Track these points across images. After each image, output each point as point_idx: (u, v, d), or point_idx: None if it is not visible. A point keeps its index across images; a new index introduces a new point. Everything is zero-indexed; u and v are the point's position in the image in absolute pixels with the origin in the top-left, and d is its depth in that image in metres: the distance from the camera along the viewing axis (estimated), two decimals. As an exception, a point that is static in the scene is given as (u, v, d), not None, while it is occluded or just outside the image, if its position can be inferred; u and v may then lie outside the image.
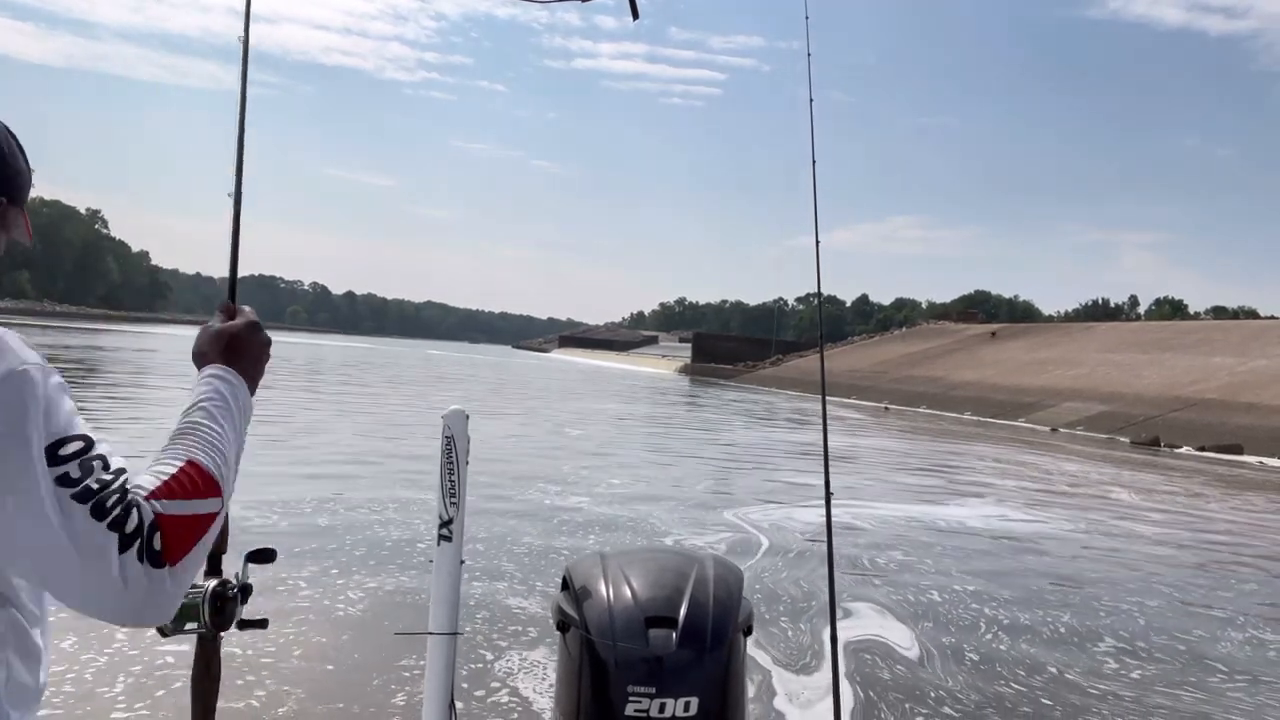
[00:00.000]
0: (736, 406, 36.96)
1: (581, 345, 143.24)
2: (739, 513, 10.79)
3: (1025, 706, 5.21)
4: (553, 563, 7.53)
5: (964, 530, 11.06)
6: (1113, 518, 13.16)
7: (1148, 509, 14.46)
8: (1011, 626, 6.85)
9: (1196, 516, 14.17)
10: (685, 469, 14.96)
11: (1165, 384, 38.82)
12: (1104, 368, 44.50)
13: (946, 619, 6.94)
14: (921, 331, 79.57)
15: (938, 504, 13.16)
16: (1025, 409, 39.12)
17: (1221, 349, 42.89)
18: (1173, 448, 29.29)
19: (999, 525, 11.67)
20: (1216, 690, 5.78)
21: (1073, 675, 5.80)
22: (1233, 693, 5.75)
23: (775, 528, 9.93)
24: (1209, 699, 5.60)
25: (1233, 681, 5.98)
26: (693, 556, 2.42)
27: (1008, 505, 13.58)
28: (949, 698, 5.22)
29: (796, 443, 21.89)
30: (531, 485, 11.65)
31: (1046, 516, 12.73)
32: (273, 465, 11.43)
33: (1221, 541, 11.91)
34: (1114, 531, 11.93)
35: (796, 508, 11.49)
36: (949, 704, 5.13)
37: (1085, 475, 19.18)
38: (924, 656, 5.93)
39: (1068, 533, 11.50)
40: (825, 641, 6.02)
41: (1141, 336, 52.44)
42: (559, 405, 30.29)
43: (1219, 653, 6.61)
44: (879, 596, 7.42)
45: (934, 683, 5.44)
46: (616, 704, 2.08)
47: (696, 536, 9.23)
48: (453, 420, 2.36)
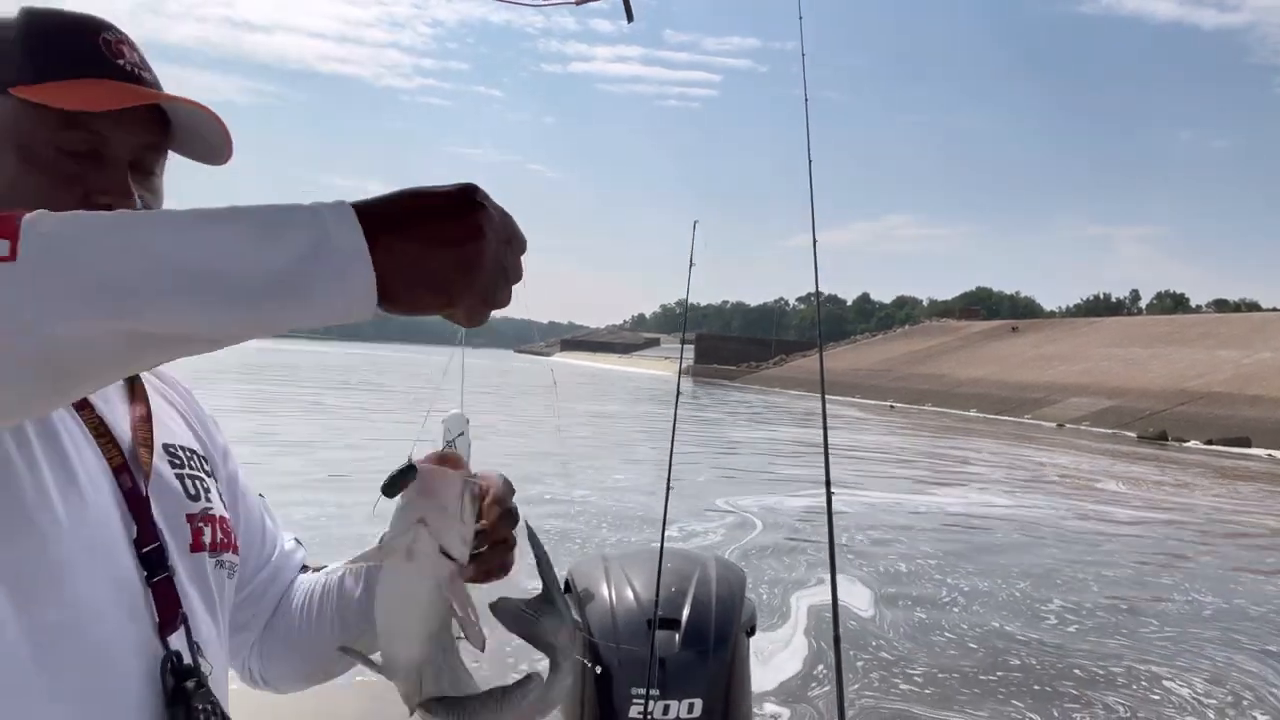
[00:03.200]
0: (739, 406, 37.77)
1: (583, 349, 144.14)
2: (735, 500, 11.64)
3: (952, 650, 6.08)
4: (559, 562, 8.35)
5: (942, 513, 11.91)
6: (1092, 504, 13.98)
7: (1130, 496, 15.27)
8: (970, 592, 7.69)
9: (1176, 503, 14.97)
10: (688, 464, 15.80)
11: (1171, 378, 39.48)
12: (1109, 362, 45.23)
13: (907, 585, 7.79)
14: (925, 329, 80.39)
15: (924, 493, 14.00)
16: (1031, 405, 39.81)
17: (1226, 342, 43.59)
18: (1180, 441, 29.85)
19: (978, 510, 12.51)
20: (1141, 637, 6.64)
21: (1011, 627, 6.67)
22: (1158, 640, 6.59)
23: (768, 511, 10.79)
24: (1131, 645, 6.45)
25: (1161, 633, 6.81)
26: (695, 558, 2.50)
27: (992, 493, 14.41)
28: (887, 645, 6.09)
29: (797, 440, 22.72)
30: (539, 481, 12.50)
31: (1028, 503, 13.56)
32: (285, 476, 12.30)
33: (1192, 523, 12.73)
34: (1089, 515, 12.76)
35: (789, 497, 12.34)
36: (886, 649, 6.00)
37: (1077, 467, 19.98)
38: (877, 615, 6.80)
39: (1044, 516, 12.34)
40: (795, 602, 6.88)
41: (1145, 330, 53.19)
42: (562, 407, 31.13)
43: (1155, 610, 7.45)
44: (848, 567, 8.27)
45: (879, 634, 6.32)
46: (620, 706, 2.12)
47: (697, 521, 10.06)
48: (453, 424, 2.49)
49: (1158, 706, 5.20)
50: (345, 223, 0.61)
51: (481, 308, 0.66)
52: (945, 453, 21.73)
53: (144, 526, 0.84)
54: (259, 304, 0.59)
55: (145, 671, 0.80)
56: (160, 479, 0.88)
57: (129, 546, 0.83)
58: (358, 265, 0.60)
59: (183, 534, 0.89)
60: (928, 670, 5.62)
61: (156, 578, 0.83)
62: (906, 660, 5.78)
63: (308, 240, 0.60)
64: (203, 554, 0.90)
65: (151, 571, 0.83)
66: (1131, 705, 5.17)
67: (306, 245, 0.60)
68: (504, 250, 0.66)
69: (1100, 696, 5.28)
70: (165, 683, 0.81)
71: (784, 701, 4.94)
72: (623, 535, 9.32)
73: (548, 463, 14.42)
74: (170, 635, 0.83)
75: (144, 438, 0.90)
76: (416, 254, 0.62)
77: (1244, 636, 6.82)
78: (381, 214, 0.62)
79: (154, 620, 0.82)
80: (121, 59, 0.87)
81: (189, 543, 0.89)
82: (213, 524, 0.92)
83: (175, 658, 0.82)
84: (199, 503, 0.92)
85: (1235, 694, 5.49)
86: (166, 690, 0.81)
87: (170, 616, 0.83)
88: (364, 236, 0.61)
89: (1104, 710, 5.07)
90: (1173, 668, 5.92)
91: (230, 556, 0.95)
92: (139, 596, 0.82)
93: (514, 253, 0.67)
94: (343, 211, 0.62)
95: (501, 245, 0.65)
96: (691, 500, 11.60)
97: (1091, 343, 52.09)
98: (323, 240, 0.60)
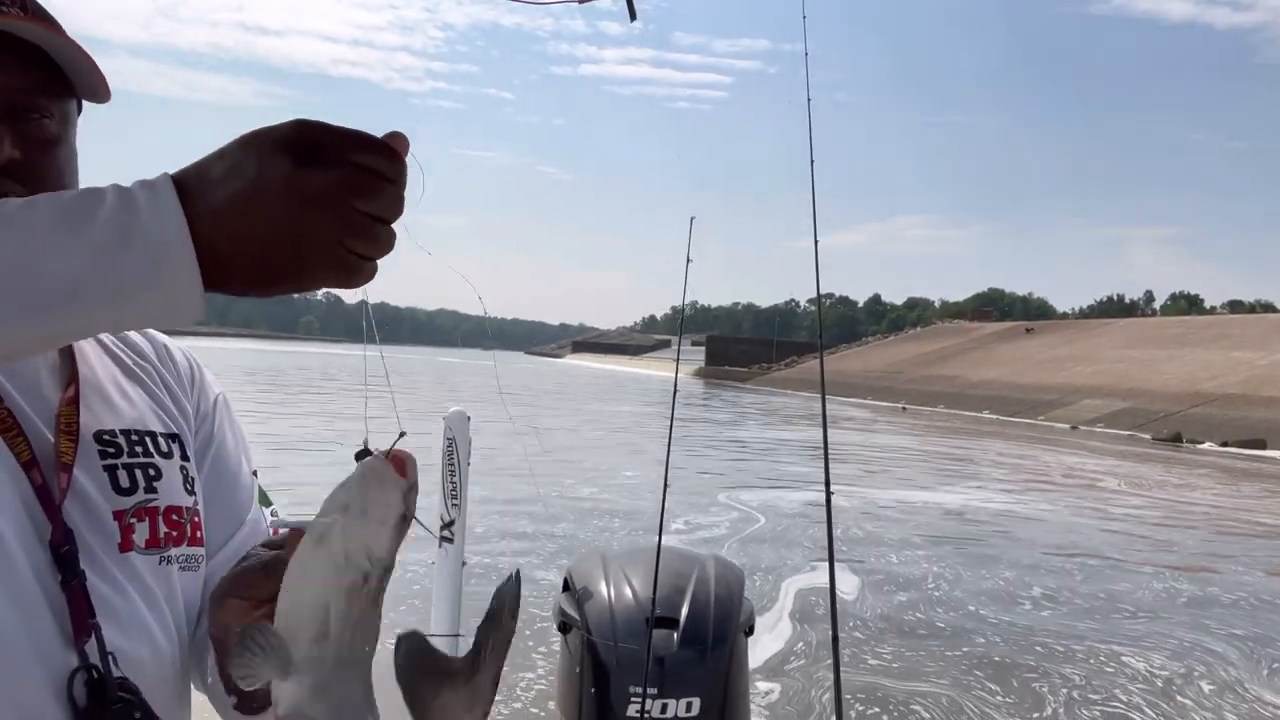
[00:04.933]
0: (750, 408, 38.20)
1: (594, 350, 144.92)
2: (738, 495, 12.13)
3: (921, 630, 6.57)
4: (558, 558, 8.86)
5: (938, 509, 12.37)
6: (1090, 501, 14.39)
7: (1129, 494, 15.66)
8: (953, 579, 8.16)
9: (1175, 501, 15.34)
10: (697, 461, 16.28)
11: (1186, 379, 39.60)
12: (1123, 364, 45.41)
13: (893, 571, 8.27)
14: (937, 331, 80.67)
15: (924, 489, 14.44)
16: (1045, 407, 40.00)
17: (1241, 343, 43.71)
18: (1194, 443, 29.97)
19: (975, 505, 12.96)
20: (1112, 621, 7.10)
21: (986, 611, 7.14)
22: (1128, 624, 7.04)
23: (766, 506, 11.27)
24: (1100, 627, 6.91)
25: (1134, 618, 7.26)
26: (694, 557, 2.56)
27: (991, 490, 14.84)
28: (862, 625, 6.59)
29: (803, 440, 23.15)
30: (552, 479, 13.02)
31: (1025, 500, 13.99)
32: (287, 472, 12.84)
33: (1185, 519, 13.12)
34: (1084, 511, 13.18)
35: (792, 491, 12.82)
36: (860, 629, 6.49)
37: (1082, 467, 20.34)
38: (859, 597, 7.31)
39: (1038, 511, 12.78)
40: (785, 588, 7.35)
41: (1160, 332, 53.33)
42: (577, 408, 31.67)
43: (1132, 598, 7.89)
44: (840, 555, 8.74)
45: (857, 615, 6.82)
46: (618, 704, 2.15)
47: (700, 515, 10.54)
48: (454, 422, 2.43)
49: (1111, 677, 5.67)
50: (161, 198, 0.55)
51: (346, 264, 0.58)
52: (951, 453, 22.12)
53: (58, 526, 0.78)
54: (57, 311, 0.55)
55: (51, 684, 0.75)
56: (83, 473, 0.82)
57: (41, 548, 0.77)
58: (176, 250, 0.55)
59: (107, 532, 0.82)
60: (897, 647, 6.12)
61: (70, 582, 0.77)
62: (877, 638, 6.28)
63: (115, 227, 0.54)
64: (132, 554, 0.83)
65: (64, 575, 0.77)
66: (1086, 675, 5.65)
67: (113, 232, 0.54)
68: (349, 187, 0.57)
69: (1056, 668, 5.76)
70: (74, 696, 0.75)
71: (780, 699, 5.10)
72: (634, 528, 9.68)
73: (565, 461, 14.93)
74: (87, 644, 0.77)
75: (67, 425, 0.83)
76: (239, 220, 0.56)
77: (1214, 621, 7.26)
78: (198, 178, 0.56)
79: (64, 629, 0.76)
80: None
81: (117, 541, 0.83)
82: (154, 517, 0.85)
83: (94, 669, 0.76)
84: (132, 496, 0.85)
85: (1190, 668, 5.96)
86: (75, 703, 0.75)
87: (81, 624, 0.77)
88: (184, 214, 0.55)
89: (1060, 679, 5.55)
90: (1136, 647, 6.38)
91: (186, 550, 0.88)
92: (40, 604, 0.76)
93: (364, 189, 0.58)
94: (159, 186, 0.56)
95: (342, 183, 0.57)
96: (698, 496, 12.09)
97: (1105, 344, 52.27)
98: (132, 224, 0.54)
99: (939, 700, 5.17)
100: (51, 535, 0.78)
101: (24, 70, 0.79)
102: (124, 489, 0.84)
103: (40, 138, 0.81)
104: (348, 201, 0.58)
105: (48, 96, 0.82)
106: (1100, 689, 5.45)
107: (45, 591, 0.76)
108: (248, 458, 1.02)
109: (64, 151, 0.84)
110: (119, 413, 0.88)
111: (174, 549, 0.87)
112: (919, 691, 5.28)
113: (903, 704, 5.10)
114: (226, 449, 0.99)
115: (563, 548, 8.36)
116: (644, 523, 9.67)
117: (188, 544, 0.88)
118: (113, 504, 0.83)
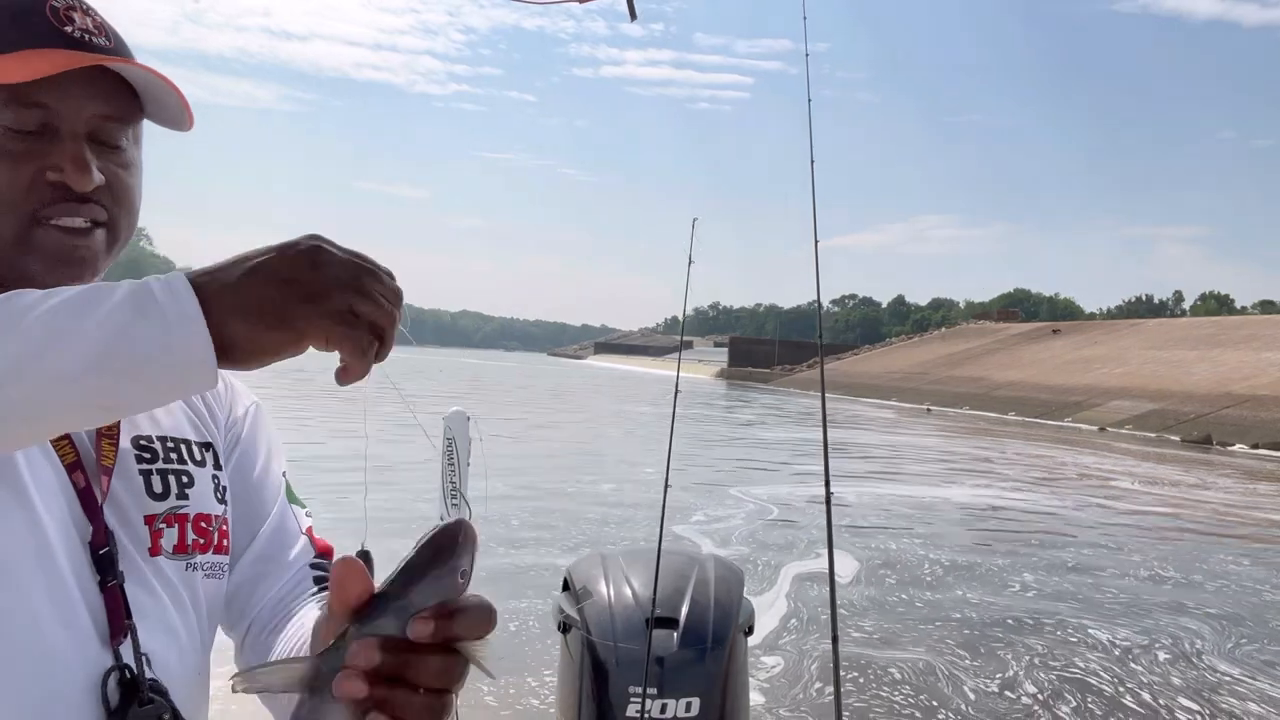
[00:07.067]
0: (772, 409, 38.70)
1: (616, 351, 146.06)
2: (752, 490, 12.77)
3: (901, 608, 7.18)
4: (568, 553, 9.54)
5: (946, 503, 12.96)
6: (1100, 499, 14.85)
7: (1140, 493, 16.08)
8: (950, 566, 8.76)
9: (1186, 500, 15.73)
10: (717, 458, 16.92)
11: (1216, 381, 39.52)
12: (1152, 365, 45.41)
13: (891, 558, 8.88)
14: (962, 331, 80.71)
15: (935, 486, 15.00)
16: (1072, 408, 40.05)
17: (1272, 344, 43.58)
18: (1225, 445, 29.92)
19: (983, 501, 13.52)
20: (1093, 602, 7.68)
21: (971, 594, 7.73)
22: (1108, 604, 7.63)
23: (777, 500, 11.91)
24: (1078, 606, 7.49)
25: (1116, 599, 7.83)
26: (693, 557, 2.61)
27: (1002, 487, 15.36)
28: (849, 605, 7.20)
29: (820, 440, 23.62)
30: (576, 474, 13.72)
31: (1035, 497, 14.50)
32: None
33: (1193, 517, 13.57)
34: (1092, 508, 13.67)
35: (806, 487, 13.45)
36: (845, 607, 7.10)
37: (1098, 466, 20.73)
38: (855, 580, 7.94)
39: (1046, 508, 13.30)
40: (783, 570, 7.99)
41: (1189, 332, 53.20)
42: (602, 408, 32.39)
43: (1117, 584, 8.45)
44: (841, 542, 9.37)
45: (848, 597, 7.43)
46: (618, 704, 2.19)
47: (719, 508, 11.17)
48: (453, 421, 2.42)
49: (1074, 646, 6.28)
50: (173, 284, 0.63)
51: (336, 327, 0.65)
52: (970, 452, 22.56)
53: (99, 528, 0.82)
54: (82, 379, 0.61)
55: (86, 682, 0.79)
56: (120, 477, 0.86)
57: (82, 549, 0.81)
58: (188, 323, 0.62)
59: (139, 537, 0.86)
60: (877, 621, 6.77)
61: (109, 583, 0.81)
62: (859, 613, 6.91)
63: (132, 305, 0.62)
64: (161, 558, 0.87)
65: (104, 576, 0.81)
66: (1049, 645, 6.27)
67: (130, 309, 0.62)
68: (347, 271, 0.66)
69: (1022, 639, 6.40)
70: (107, 695, 0.79)
71: (779, 695, 5.35)
72: (654, 518, 10.00)
73: (589, 458, 15.60)
74: (122, 645, 0.81)
75: (108, 429, 0.87)
76: (248, 294, 0.64)
77: (1191, 603, 7.81)
78: (209, 275, 0.65)
79: (100, 628, 0.80)
80: (70, 25, 0.85)
81: (147, 546, 0.87)
82: (183, 524, 0.90)
83: (127, 670, 0.80)
84: (165, 502, 0.89)
85: (1153, 640, 6.54)
86: (108, 703, 0.79)
87: (118, 625, 0.81)
88: (195, 297, 0.63)
89: (1024, 648, 6.18)
90: (1109, 624, 6.97)
91: (211, 558, 0.92)
92: (79, 603, 0.79)
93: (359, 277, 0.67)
94: (171, 278, 0.64)
95: (340, 266, 0.66)
96: (715, 489, 12.76)
97: (1133, 345, 52.26)
98: (148, 301, 0.62)
99: (915, 665, 5.81)
100: (92, 537, 0.82)
101: (111, 99, 0.87)
102: (157, 494, 0.89)
103: (122, 163, 0.89)
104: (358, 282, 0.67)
105: (129, 123, 0.89)
106: (1061, 657, 6.07)
107: (84, 592, 0.80)
108: (278, 461, 1.06)
109: (138, 171, 0.91)
110: (156, 420, 0.93)
111: (200, 556, 0.91)
112: (898, 659, 5.92)
113: (883, 669, 5.74)
114: (251, 453, 1.03)
115: (587, 539, 9.04)
116: (670, 516, 10.22)
117: (214, 551, 0.93)
118: (145, 509, 0.88)
